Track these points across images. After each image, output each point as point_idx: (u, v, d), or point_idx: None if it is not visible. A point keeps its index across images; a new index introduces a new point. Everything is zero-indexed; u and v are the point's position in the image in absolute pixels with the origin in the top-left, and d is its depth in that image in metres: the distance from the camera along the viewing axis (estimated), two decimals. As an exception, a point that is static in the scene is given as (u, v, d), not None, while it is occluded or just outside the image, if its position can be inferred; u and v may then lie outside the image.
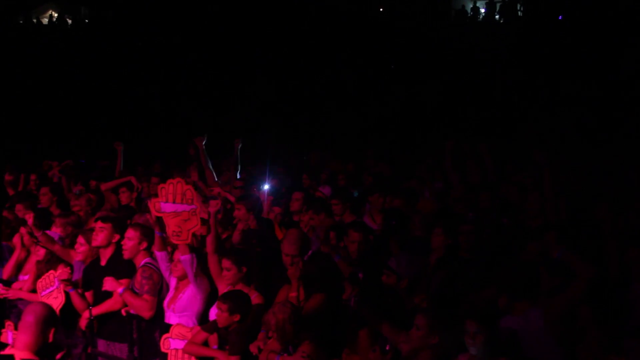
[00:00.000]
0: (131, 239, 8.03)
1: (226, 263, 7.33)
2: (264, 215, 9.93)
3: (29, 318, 4.74)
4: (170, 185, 7.72)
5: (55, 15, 32.40)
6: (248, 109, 22.53)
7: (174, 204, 7.65)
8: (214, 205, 7.70)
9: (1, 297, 8.76)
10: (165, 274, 7.84)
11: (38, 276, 8.59)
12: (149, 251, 8.03)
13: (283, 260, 7.36)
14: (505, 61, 22.97)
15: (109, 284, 7.82)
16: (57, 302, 7.86)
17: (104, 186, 11.57)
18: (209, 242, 7.57)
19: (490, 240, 8.23)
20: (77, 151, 14.96)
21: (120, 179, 11.89)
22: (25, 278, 9.00)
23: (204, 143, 13.36)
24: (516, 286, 6.29)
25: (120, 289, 7.74)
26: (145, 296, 7.76)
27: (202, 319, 7.53)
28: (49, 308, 4.99)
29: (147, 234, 7.98)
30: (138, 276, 7.87)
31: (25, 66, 23.49)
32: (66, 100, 22.84)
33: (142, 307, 7.70)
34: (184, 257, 7.47)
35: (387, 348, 5.87)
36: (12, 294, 8.75)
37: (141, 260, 7.99)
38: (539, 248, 7.51)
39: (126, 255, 8.04)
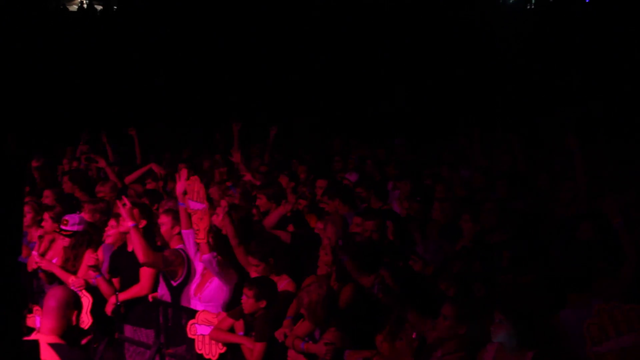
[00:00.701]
0: (164, 224, 8.06)
1: (253, 260, 7.30)
2: None
3: (51, 302, 4.74)
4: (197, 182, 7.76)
5: (86, 2, 32.47)
6: (275, 95, 22.50)
7: (194, 202, 7.69)
8: (223, 207, 7.71)
9: (35, 266, 8.80)
10: (192, 252, 7.80)
11: (65, 260, 8.64)
12: (181, 236, 8.02)
13: (323, 244, 7.27)
14: (535, 48, 22.76)
15: (124, 212, 7.75)
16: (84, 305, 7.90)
17: (127, 179, 11.52)
18: (230, 238, 7.57)
19: (512, 225, 8.16)
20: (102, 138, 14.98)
21: (141, 169, 11.85)
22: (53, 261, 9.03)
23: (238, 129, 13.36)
24: (570, 278, 6.22)
25: (131, 223, 7.65)
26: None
27: (229, 308, 7.49)
28: (70, 291, 4.99)
29: (179, 218, 7.96)
30: (165, 252, 7.86)
31: (53, 54, 23.59)
32: (93, 88, 22.92)
33: (144, 254, 7.59)
34: (204, 257, 7.43)
35: (414, 336, 5.82)
36: (44, 264, 8.74)
37: (175, 246, 8.01)
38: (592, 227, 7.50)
39: (160, 241, 8.05)
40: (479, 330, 5.56)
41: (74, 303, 4.79)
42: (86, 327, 7.88)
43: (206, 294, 7.60)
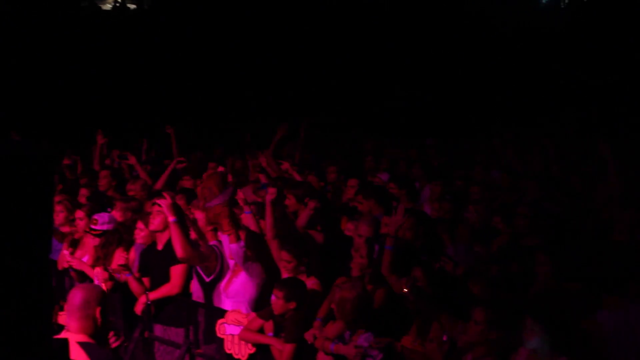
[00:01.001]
0: (199, 219, 8.11)
1: (286, 256, 7.25)
2: None
3: (72, 303, 4.75)
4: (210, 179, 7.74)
5: (119, 1, 32.58)
6: (307, 93, 22.50)
7: (220, 195, 7.67)
8: (271, 193, 7.65)
9: (66, 265, 8.83)
10: (227, 253, 7.77)
11: (96, 258, 8.66)
12: (216, 232, 8.00)
13: (356, 245, 7.19)
14: (568, 48, 22.59)
15: (165, 202, 7.67)
16: None
17: (156, 187, 11.28)
18: (268, 229, 7.54)
19: (545, 229, 8.08)
20: (136, 137, 15.05)
21: (166, 172, 11.65)
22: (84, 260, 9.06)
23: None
24: (607, 279, 6.14)
25: (172, 218, 7.57)
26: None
27: (257, 305, 7.46)
28: (90, 289, 4.98)
29: None
30: (201, 248, 7.86)
31: (87, 52, 23.76)
32: (127, 87, 23.06)
33: (183, 249, 7.54)
34: (232, 247, 7.40)
35: (445, 339, 5.77)
36: (76, 263, 8.77)
37: (209, 242, 8.01)
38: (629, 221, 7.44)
39: (193, 235, 8.05)
40: (510, 335, 5.49)
41: (95, 300, 4.77)
42: None
43: (232, 289, 7.58)
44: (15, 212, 2.54)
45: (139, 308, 8.01)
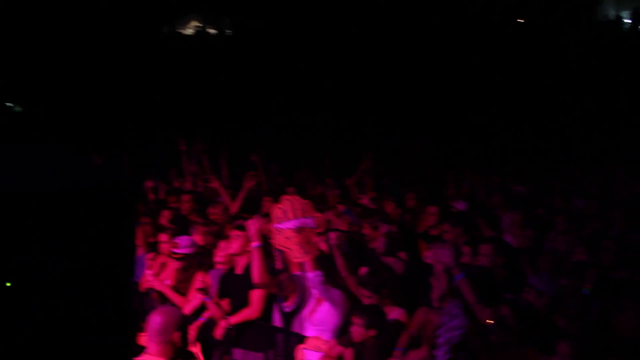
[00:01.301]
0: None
1: (365, 292, 7.22)
2: None
3: (152, 327, 4.78)
4: (287, 202, 7.66)
5: (200, 26, 33.03)
6: (387, 120, 22.49)
7: (293, 220, 7.58)
8: (333, 239, 7.66)
9: (148, 285, 8.88)
10: (310, 284, 7.74)
11: (178, 281, 8.71)
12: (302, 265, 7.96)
13: (436, 273, 7.08)
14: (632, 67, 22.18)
15: (252, 225, 7.71)
16: None
17: (232, 210, 11.25)
18: (340, 269, 7.55)
19: (634, 261, 7.86)
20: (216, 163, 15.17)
21: (241, 194, 11.64)
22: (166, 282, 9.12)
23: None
24: None
25: (255, 243, 7.60)
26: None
27: (341, 334, 7.39)
28: (170, 314, 5.00)
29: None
30: (282, 276, 7.83)
31: (168, 77, 24.15)
32: (208, 110, 23.36)
33: (260, 276, 7.56)
34: (308, 275, 7.39)
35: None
36: (157, 285, 8.83)
37: (294, 272, 7.98)
38: None
39: (279, 265, 8.05)
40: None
41: (174, 325, 4.80)
42: None
43: (316, 317, 7.54)
44: (100, 236, 2.56)
45: (219, 332, 7.99)
